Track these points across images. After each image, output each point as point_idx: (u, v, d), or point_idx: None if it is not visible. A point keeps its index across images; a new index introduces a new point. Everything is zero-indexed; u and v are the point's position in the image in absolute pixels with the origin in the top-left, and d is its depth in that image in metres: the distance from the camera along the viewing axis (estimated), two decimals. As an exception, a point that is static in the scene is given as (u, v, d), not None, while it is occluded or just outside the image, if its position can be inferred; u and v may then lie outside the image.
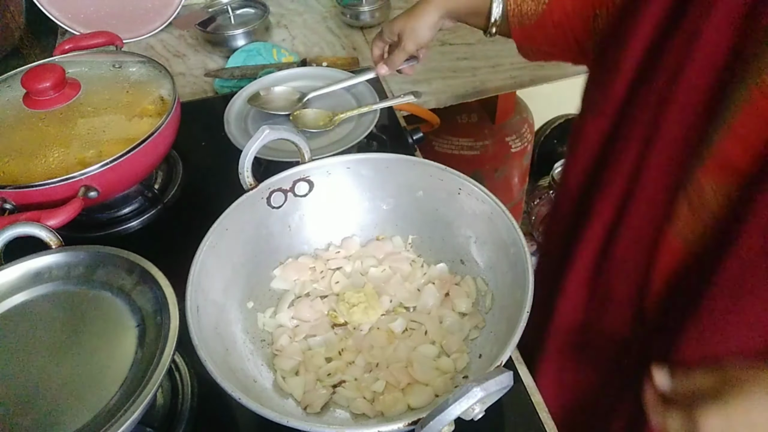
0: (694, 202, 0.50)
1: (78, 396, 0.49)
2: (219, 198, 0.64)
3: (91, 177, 0.68)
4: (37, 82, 0.73)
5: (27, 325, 0.55)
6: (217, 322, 0.57)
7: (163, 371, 0.48)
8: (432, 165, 0.65)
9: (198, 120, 0.95)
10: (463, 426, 0.43)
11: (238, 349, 0.58)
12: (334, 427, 0.47)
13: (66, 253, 0.59)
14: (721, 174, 0.47)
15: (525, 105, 1.60)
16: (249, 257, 0.64)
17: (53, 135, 0.72)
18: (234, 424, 0.61)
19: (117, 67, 0.83)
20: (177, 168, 0.88)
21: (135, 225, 0.81)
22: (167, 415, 0.59)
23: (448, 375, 0.58)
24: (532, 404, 0.60)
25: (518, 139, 1.54)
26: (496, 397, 0.43)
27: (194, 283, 0.55)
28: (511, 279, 0.58)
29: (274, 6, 1.28)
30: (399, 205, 0.69)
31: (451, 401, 0.40)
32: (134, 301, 0.55)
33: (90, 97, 0.77)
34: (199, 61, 1.17)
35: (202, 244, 0.58)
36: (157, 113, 0.76)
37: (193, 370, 0.63)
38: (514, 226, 0.58)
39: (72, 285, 0.58)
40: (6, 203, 0.67)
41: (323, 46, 1.20)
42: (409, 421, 0.43)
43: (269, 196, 0.66)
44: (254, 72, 1.05)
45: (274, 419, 0.45)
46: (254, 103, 0.88)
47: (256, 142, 0.61)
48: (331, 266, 0.69)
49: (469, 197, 0.63)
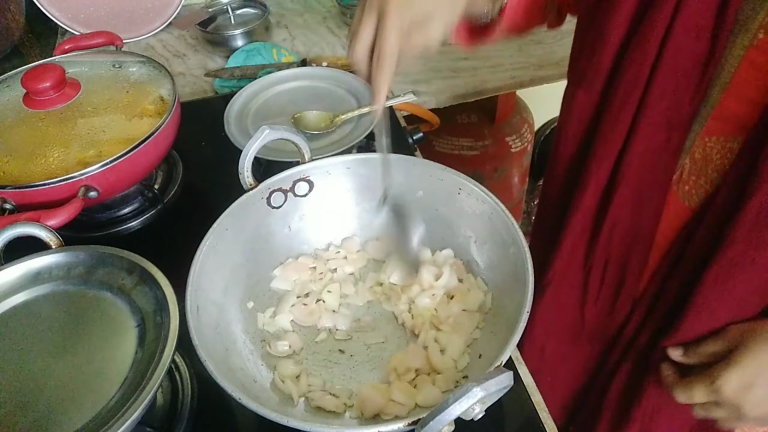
0: (698, 162, 0.51)
1: (78, 396, 0.49)
2: (219, 198, 0.64)
3: (91, 177, 0.68)
4: (37, 82, 0.73)
5: (27, 325, 0.55)
6: (217, 322, 0.57)
7: (163, 371, 0.48)
8: (432, 165, 0.65)
9: (198, 120, 0.95)
10: (463, 426, 0.43)
11: (238, 349, 0.58)
12: (334, 427, 0.47)
13: (66, 253, 0.59)
14: (725, 128, 0.49)
15: (525, 105, 1.60)
16: (249, 257, 0.64)
17: (53, 135, 0.72)
18: (234, 424, 0.61)
19: (117, 67, 0.83)
20: (177, 168, 0.88)
21: (135, 225, 0.81)
22: (167, 415, 0.59)
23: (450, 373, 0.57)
24: (532, 404, 0.60)
25: (518, 139, 1.54)
26: (497, 397, 0.43)
27: (194, 283, 0.55)
28: (511, 279, 0.58)
29: (274, 6, 1.28)
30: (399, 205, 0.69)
31: (451, 401, 0.40)
32: (134, 301, 0.55)
33: (90, 97, 0.77)
34: (199, 61, 1.17)
35: (202, 244, 0.58)
36: (157, 113, 0.76)
37: (193, 370, 0.63)
38: (514, 225, 0.58)
39: (72, 285, 0.58)
40: (6, 203, 0.67)
41: (323, 46, 1.20)
42: (410, 421, 0.43)
43: (269, 196, 0.66)
44: (254, 72, 1.05)
45: (274, 419, 0.45)
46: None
47: (256, 142, 0.61)
48: (331, 266, 0.69)
49: (469, 197, 0.63)
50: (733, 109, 0.48)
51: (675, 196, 0.55)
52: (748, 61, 0.46)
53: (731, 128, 0.49)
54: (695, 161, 0.52)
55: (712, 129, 0.50)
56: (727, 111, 0.49)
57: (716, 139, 0.50)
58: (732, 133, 0.49)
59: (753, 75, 0.46)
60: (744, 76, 0.47)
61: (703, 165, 0.52)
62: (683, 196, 0.54)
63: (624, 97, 0.52)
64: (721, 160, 0.51)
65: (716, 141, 0.50)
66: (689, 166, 0.53)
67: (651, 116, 0.52)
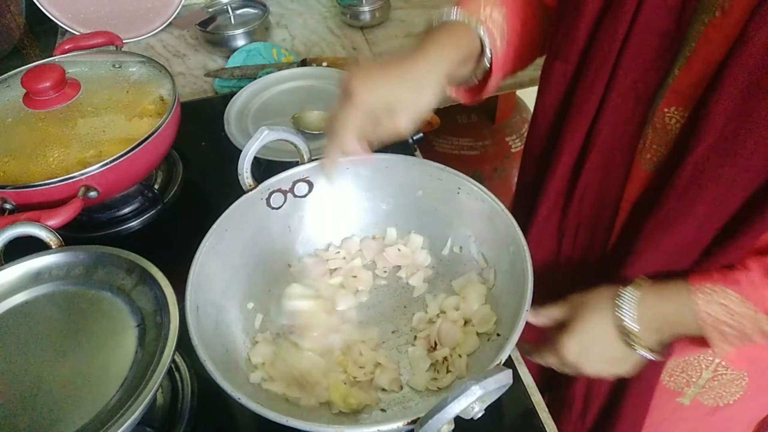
0: (658, 130, 0.55)
1: (78, 396, 0.49)
2: (219, 198, 0.64)
3: (91, 177, 0.68)
4: (37, 82, 0.73)
5: (27, 325, 0.55)
6: (217, 322, 0.57)
7: (163, 371, 0.48)
8: (431, 165, 0.65)
9: (198, 120, 0.95)
10: (463, 425, 0.43)
11: (238, 350, 0.58)
12: (335, 426, 0.47)
13: (66, 253, 0.59)
14: (681, 100, 0.52)
15: (525, 105, 1.60)
16: (249, 258, 0.64)
17: (53, 135, 0.72)
18: (234, 424, 0.61)
19: (117, 67, 0.83)
20: (177, 168, 0.88)
21: (135, 225, 0.81)
22: (167, 415, 0.59)
23: None
24: (532, 403, 0.60)
25: (518, 139, 1.54)
26: (496, 396, 0.43)
27: (194, 283, 0.55)
28: (511, 277, 0.58)
29: (274, 6, 1.28)
30: (399, 204, 0.69)
31: (450, 399, 0.40)
32: (134, 301, 0.55)
33: (90, 97, 0.77)
34: (199, 61, 1.17)
35: (202, 245, 0.58)
36: (157, 113, 0.76)
37: (193, 370, 0.63)
38: (514, 225, 0.58)
39: (72, 285, 0.58)
40: (6, 203, 0.67)
41: (323, 46, 1.20)
42: (408, 420, 0.43)
43: (269, 197, 0.66)
44: (254, 72, 1.05)
45: (274, 419, 0.45)
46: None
47: (255, 142, 0.61)
48: (330, 266, 0.69)
49: (468, 197, 0.63)
50: (688, 81, 0.51)
51: (638, 164, 0.57)
52: (705, 38, 0.49)
53: (686, 99, 0.52)
54: (656, 130, 0.55)
55: (671, 100, 0.53)
56: (684, 83, 0.52)
57: (674, 109, 0.53)
58: (687, 103, 0.52)
59: (707, 50, 0.49)
60: (699, 52, 0.50)
61: (663, 134, 0.55)
62: (644, 164, 0.57)
63: (597, 69, 0.55)
64: (678, 129, 0.53)
65: (674, 111, 0.53)
66: (651, 136, 0.56)
67: (620, 88, 0.54)
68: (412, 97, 0.54)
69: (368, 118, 0.54)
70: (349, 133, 0.54)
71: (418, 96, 0.54)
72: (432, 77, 0.54)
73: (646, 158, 0.57)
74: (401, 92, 0.54)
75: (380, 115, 0.54)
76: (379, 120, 0.54)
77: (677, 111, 0.53)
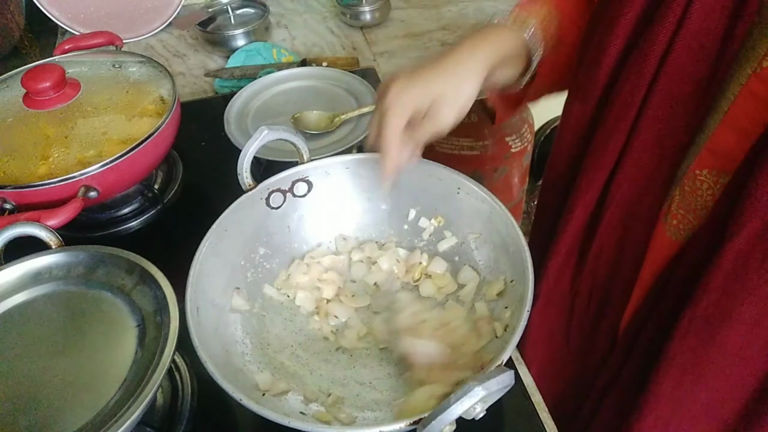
0: (688, 195, 0.48)
1: (78, 396, 0.49)
2: (219, 198, 0.64)
3: (91, 177, 0.68)
4: (37, 82, 0.73)
5: (27, 325, 0.55)
6: (217, 322, 0.57)
7: (163, 371, 0.48)
8: (431, 164, 0.65)
9: (198, 120, 0.95)
10: (464, 425, 0.43)
11: (238, 350, 0.58)
12: (335, 426, 0.47)
13: (66, 253, 0.59)
14: (717, 162, 0.45)
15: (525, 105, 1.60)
16: (248, 258, 0.64)
17: (53, 135, 0.72)
18: (234, 424, 0.61)
19: (117, 67, 0.83)
20: (177, 168, 0.88)
21: (135, 225, 0.81)
22: (167, 415, 0.59)
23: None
24: (532, 404, 0.60)
25: (518, 139, 1.54)
26: (497, 396, 0.43)
27: (194, 283, 0.55)
28: (511, 278, 0.58)
29: (274, 6, 1.28)
30: (398, 205, 0.69)
31: (453, 400, 0.40)
32: (134, 301, 0.55)
33: (90, 97, 0.77)
34: (199, 61, 1.17)
35: (202, 245, 0.58)
36: (157, 113, 0.76)
37: (193, 370, 0.63)
38: (514, 225, 0.58)
39: (72, 285, 0.58)
40: (6, 203, 0.67)
41: (323, 46, 1.20)
42: (411, 421, 0.43)
43: (268, 197, 0.66)
44: (254, 72, 1.05)
45: (274, 419, 0.45)
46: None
47: (254, 142, 0.61)
48: (327, 265, 0.69)
49: (468, 197, 0.63)
50: (726, 141, 0.45)
51: (662, 229, 0.51)
52: (748, 90, 0.42)
53: (723, 162, 0.45)
54: (684, 194, 0.49)
55: (705, 161, 0.47)
56: (721, 143, 0.45)
57: (707, 172, 0.47)
58: (723, 167, 0.45)
59: (751, 105, 0.42)
60: (741, 106, 0.43)
61: (693, 199, 0.48)
62: (669, 230, 0.51)
63: (618, 115, 0.50)
64: (711, 196, 0.47)
65: (707, 175, 0.47)
66: (679, 199, 0.50)
67: (643, 139, 0.49)
68: (455, 88, 0.53)
69: (412, 121, 0.53)
70: (401, 150, 0.54)
71: (459, 86, 0.53)
72: (474, 67, 0.53)
73: (672, 224, 0.50)
74: (443, 85, 0.53)
75: (424, 113, 0.53)
76: (422, 118, 0.53)
77: (710, 175, 0.46)
